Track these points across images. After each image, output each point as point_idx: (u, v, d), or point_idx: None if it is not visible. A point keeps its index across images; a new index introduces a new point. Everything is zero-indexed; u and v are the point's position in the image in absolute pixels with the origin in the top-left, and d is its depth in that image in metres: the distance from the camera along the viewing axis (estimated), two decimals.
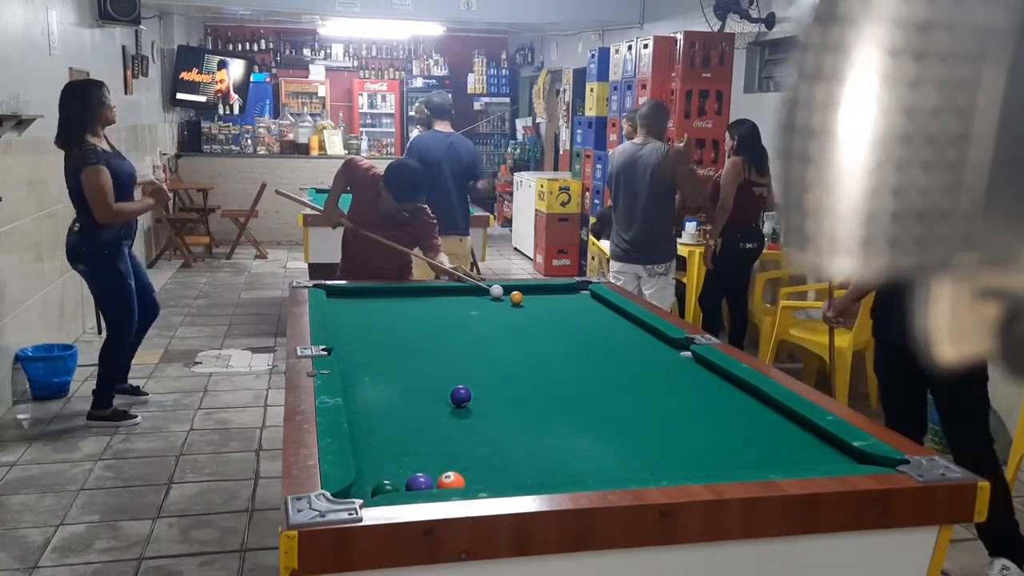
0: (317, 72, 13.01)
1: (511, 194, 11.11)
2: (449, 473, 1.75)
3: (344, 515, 1.51)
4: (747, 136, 5.22)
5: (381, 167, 4.24)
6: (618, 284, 4.50)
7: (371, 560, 1.50)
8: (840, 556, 1.77)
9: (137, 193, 4.70)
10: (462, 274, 3.93)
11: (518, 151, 12.14)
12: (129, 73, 7.91)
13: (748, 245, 5.32)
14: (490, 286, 3.76)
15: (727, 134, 5.39)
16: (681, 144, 5.17)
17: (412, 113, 9.37)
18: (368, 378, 2.56)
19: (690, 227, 5.85)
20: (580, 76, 9.59)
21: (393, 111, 13.02)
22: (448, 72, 13.42)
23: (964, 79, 0.43)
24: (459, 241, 5.32)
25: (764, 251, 5.77)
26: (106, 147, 4.42)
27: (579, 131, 8.77)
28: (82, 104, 4.34)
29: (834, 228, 0.44)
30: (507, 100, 13.47)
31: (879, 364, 3.39)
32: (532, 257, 9.45)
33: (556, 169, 11.19)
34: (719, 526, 1.66)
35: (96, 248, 4.41)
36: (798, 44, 0.45)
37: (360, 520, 1.50)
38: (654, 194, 4.90)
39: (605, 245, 5.85)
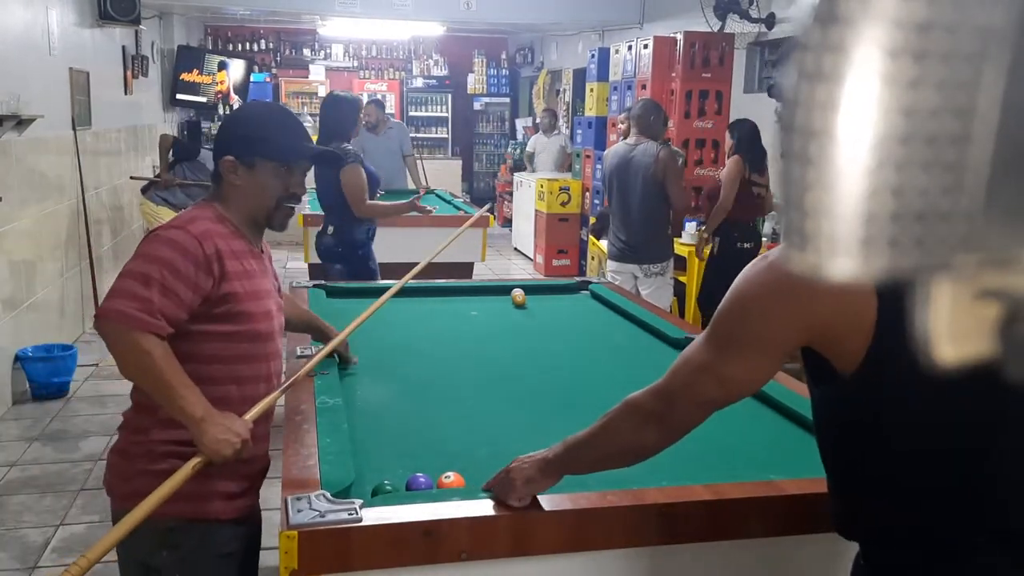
0: (317, 72, 13.02)
1: (511, 194, 11.11)
2: (449, 473, 1.75)
3: (344, 515, 1.51)
4: (747, 135, 5.23)
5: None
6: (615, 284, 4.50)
7: (371, 560, 1.50)
8: (840, 556, 1.76)
9: None
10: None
11: (518, 151, 12.15)
12: (129, 73, 7.92)
13: (746, 245, 5.32)
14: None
15: (727, 133, 5.40)
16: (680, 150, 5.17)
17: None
18: (368, 378, 2.56)
19: (690, 227, 5.84)
20: (580, 76, 9.60)
21: (393, 111, 13.01)
22: (448, 72, 13.42)
23: (964, 79, 0.43)
24: None
25: (763, 250, 5.76)
26: None
27: (579, 131, 8.77)
28: (339, 115, 4.38)
29: (834, 228, 0.44)
30: (507, 100, 13.47)
31: None
32: (532, 257, 9.45)
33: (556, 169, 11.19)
34: (719, 526, 1.66)
35: (350, 249, 4.47)
36: (798, 44, 0.45)
37: (360, 520, 1.50)
38: (648, 194, 4.88)
39: (605, 245, 5.85)
